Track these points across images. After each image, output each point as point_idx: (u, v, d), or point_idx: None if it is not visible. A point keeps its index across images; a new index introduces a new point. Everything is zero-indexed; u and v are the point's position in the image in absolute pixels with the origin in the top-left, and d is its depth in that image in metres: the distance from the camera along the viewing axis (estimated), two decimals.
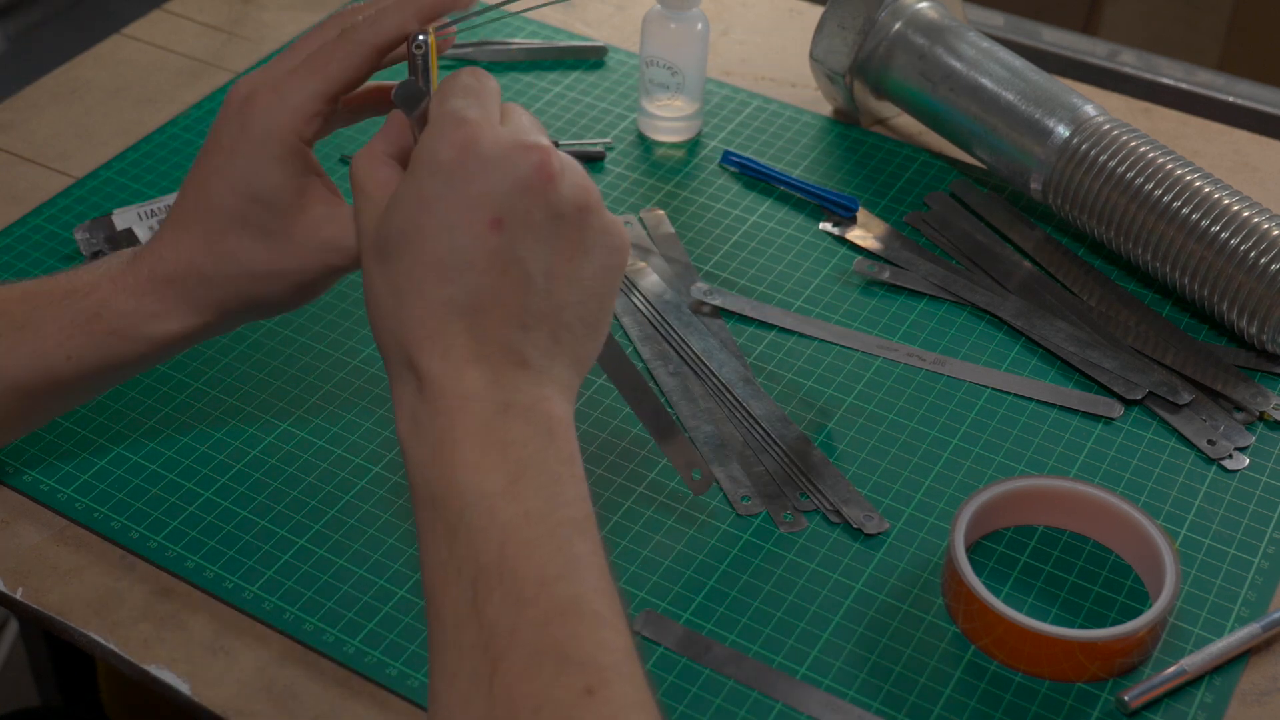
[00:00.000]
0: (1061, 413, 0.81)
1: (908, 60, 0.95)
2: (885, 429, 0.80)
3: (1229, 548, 0.74)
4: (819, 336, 0.85)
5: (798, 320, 0.86)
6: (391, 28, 0.64)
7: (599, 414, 0.80)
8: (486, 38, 1.08)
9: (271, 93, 0.65)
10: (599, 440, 0.79)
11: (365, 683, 0.68)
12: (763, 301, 0.88)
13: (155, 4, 1.13)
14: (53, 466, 0.77)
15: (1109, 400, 0.81)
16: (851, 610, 0.71)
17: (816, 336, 0.85)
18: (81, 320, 0.67)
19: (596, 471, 0.77)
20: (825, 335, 0.85)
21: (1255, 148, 1.01)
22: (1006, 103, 0.90)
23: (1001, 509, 0.73)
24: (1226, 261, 0.82)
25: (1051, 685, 0.68)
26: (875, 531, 0.74)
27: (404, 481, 0.76)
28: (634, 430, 0.79)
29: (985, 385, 0.83)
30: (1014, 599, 0.71)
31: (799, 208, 0.95)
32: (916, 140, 1.01)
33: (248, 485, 0.76)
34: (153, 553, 0.73)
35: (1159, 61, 1.21)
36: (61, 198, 0.94)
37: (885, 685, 0.68)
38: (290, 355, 0.83)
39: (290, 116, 0.64)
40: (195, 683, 0.68)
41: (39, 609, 0.71)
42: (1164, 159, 0.85)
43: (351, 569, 0.72)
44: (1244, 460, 0.78)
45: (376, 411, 0.80)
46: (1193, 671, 0.68)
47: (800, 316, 0.86)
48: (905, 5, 0.96)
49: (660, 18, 0.95)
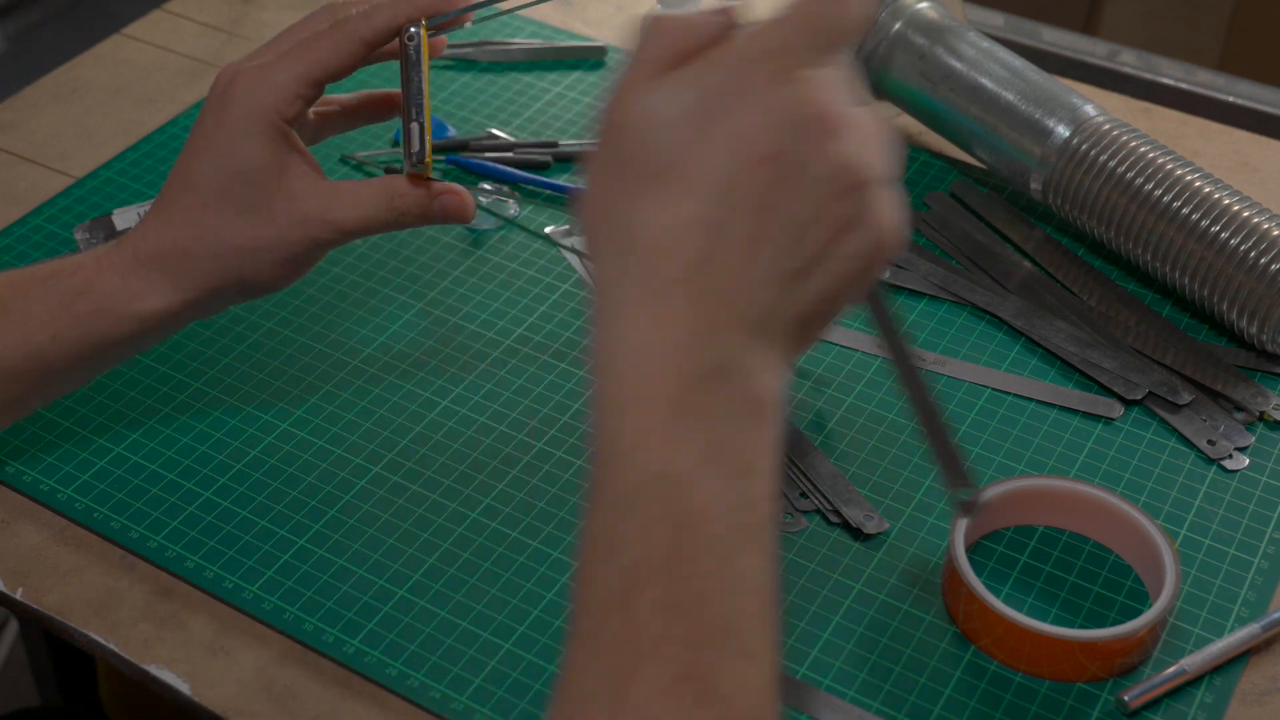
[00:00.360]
0: (1061, 413, 0.81)
1: (908, 60, 0.95)
2: (885, 429, 0.80)
3: (1229, 548, 0.74)
4: None
5: None
6: (382, 21, 0.65)
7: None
8: (486, 38, 1.08)
9: (256, 74, 0.65)
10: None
11: (365, 683, 0.68)
12: None
13: (155, 4, 1.13)
14: (53, 466, 0.77)
15: (1109, 400, 0.81)
16: (851, 610, 0.71)
17: None
18: (66, 300, 0.67)
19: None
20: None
21: (1255, 148, 1.01)
22: (1006, 103, 0.90)
23: (1001, 509, 0.73)
24: (1226, 261, 0.82)
25: (1051, 685, 0.68)
26: (875, 531, 0.74)
27: (403, 483, 0.76)
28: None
29: (985, 385, 0.83)
30: (1014, 599, 0.71)
31: None
32: (916, 140, 1.01)
33: (248, 485, 0.76)
34: (153, 553, 0.73)
35: (1159, 61, 1.20)
36: (61, 198, 0.94)
37: (885, 685, 0.68)
38: (290, 355, 0.83)
39: (272, 96, 0.65)
40: (195, 683, 0.68)
41: (39, 609, 0.71)
42: (1164, 159, 0.85)
43: (351, 569, 0.72)
44: (1244, 460, 0.78)
45: (377, 411, 0.80)
46: (1193, 671, 0.68)
47: None
48: (905, 5, 0.96)
49: None
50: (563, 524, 0.74)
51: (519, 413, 0.80)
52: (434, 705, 0.67)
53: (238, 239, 0.66)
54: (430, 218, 0.68)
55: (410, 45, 0.64)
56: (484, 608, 0.71)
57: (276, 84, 0.65)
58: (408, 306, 0.87)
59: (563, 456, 0.78)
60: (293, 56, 0.65)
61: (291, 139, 0.66)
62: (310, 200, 0.66)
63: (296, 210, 0.66)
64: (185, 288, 0.68)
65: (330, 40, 0.65)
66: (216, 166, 0.65)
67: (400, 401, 0.81)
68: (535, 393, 0.81)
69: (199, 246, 0.66)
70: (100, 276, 0.68)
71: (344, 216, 0.66)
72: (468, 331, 0.85)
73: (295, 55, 0.65)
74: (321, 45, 0.65)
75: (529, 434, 0.79)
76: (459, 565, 0.72)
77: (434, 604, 0.71)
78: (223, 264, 0.67)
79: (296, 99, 0.65)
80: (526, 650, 0.69)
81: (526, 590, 0.71)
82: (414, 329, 0.85)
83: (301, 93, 0.65)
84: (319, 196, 0.66)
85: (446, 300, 0.87)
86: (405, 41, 0.64)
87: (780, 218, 0.49)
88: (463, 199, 0.70)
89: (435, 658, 0.68)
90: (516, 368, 0.83)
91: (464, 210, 0.70)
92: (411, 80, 0.65)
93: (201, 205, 0.66)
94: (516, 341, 0.85)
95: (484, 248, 0.91)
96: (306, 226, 0.66)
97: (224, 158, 0.65)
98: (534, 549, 0.73)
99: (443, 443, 0.79)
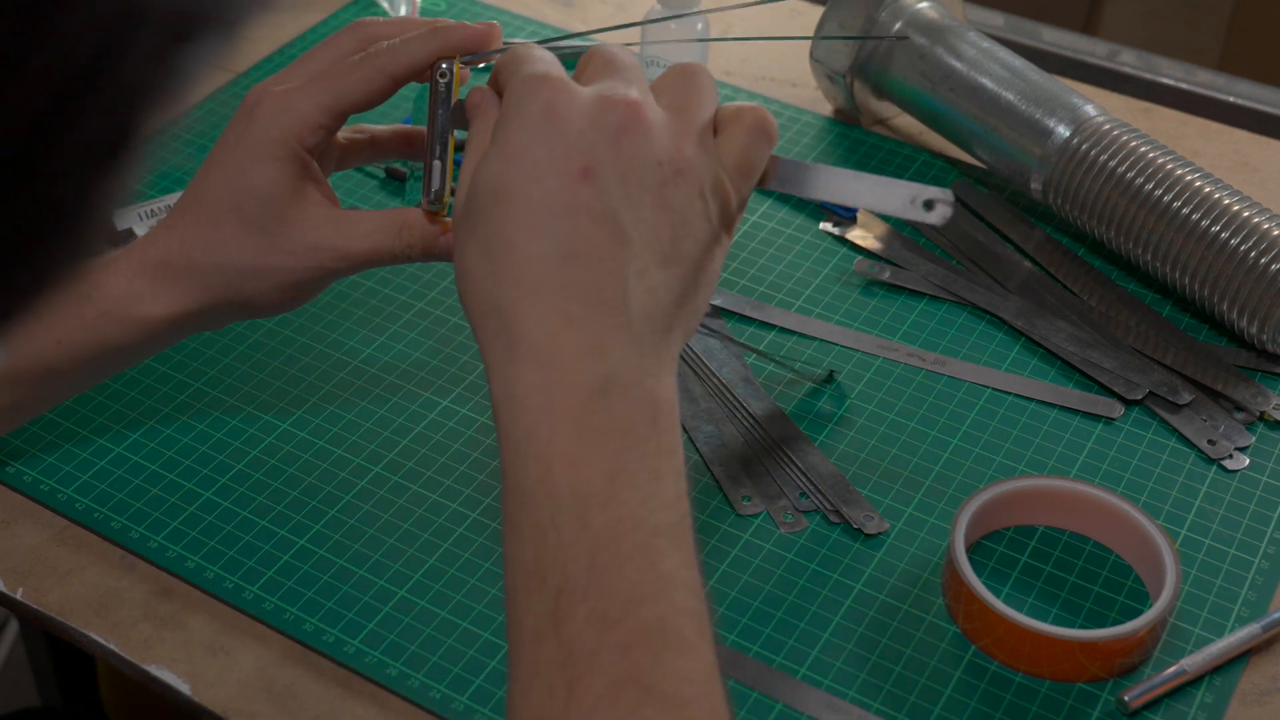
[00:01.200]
0: (1061, 413, 0.81)
1: (908, 60, 0.95)
2: (885, 429, 0.80)
3: (1229, 548, 0.74)
4: (819, 336, 0.85)
5: (798, 320, 0.86)
6: (412, 57, 0.65)
7: None
8: None
9: (281, 98, 0.66)
10: None
11: (365, 683, 0.68)
12: (763, 301, 0.88)
13: None
14: (53, 466, 0.77)
15: (1109, 400, 0.81)
16: (851, 610, 0.71)
17: (816, 336, 0.85)
18: (73, 301, 0.68)
19: None
20: (825, 335, 0.85)
21: (1255, 148, 1.01)
22: (1006, 103, 0.90)
23: (1001, 509, 0.73)
24: (1226, 261, 0.82)
25: (1052, 685, 0.68)
26: (875, 531, 0.74)
27: (403, 482, 0.76)
28: None
29: (985, 385, 0.83)
30: (1014, 599, 0.71)
31: (799, 208, 0.95)
32: (916, 140, 1.01)
33: (248, 485, 0.76)
34: (153, 553, 0.73)
35: (1159, 61, 1.20)
36: None
37: (885, 685, 0.68)
38: (291, 355, 0.83)
39: (294, 122, 0.65)
40: (195, 683, 0.68)
41: (39, 609, 0.71)
42: (1164, 159, 0.85)
43: (351, 569, 0.72)
44: (1244, 460, 0.78)
45: (377, 412, 0.80)
46: (1193, 671, 0.68)
47: (800, 316, 0.86)
48: (905, 5, 0.96)
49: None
50: None
51: None
52: (434, 705, 0.67)
53: (244, 258, 0.66)
54: (434, 254, 0.67)
55: (441, 81, 0.64)
56: (484, 608, 0.71)
57: (300, 112, 0.65)
58: (408, 307, 0.87)
59: None
60: (320, 85, 0.66)
61: (309, 167, 0.67)
62: (320, 228, 0.66)
63: (306, 236, 0.66)
64: (188, 298, 0.68)
65: (359, 72, 0.65)
66: (231, 184, 0.66)
67: (401, 402, 0.81)
68: None
69: (205, 260, 0.67)
70: (108, 279, 0.68)
71: (353, 246, 0.66)
72: (468, 331, 0.85)
73: (322, 84, 0.66)
74: (349, 76, 0.65)
75: None
76: (459, 565, 0.72)
77: (434, 604, 0.71)
78: (227, 280, 0.67)
79: (319, 128, 0.66)
80: None
81: None
82: (414, 329, 0.85)
83: (324, 123, 0.66)
84: (329, 225, 0.66)
85: (447, 300, 0.87)
86: (437, 78, 0.64)
87: (614, 222, 0.53)
88: None
89: (435, 658, 0.68)
90: None
91: None
92: (439, 116, 0.65)
93: (212, 220, 0.66)
94: None
95: None
96: (315, 254, 0.66)
97: (239, 177, 0.66)
98: None
99: (443, 443, 0.79)
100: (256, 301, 0.68)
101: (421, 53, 0.65)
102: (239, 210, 0.66)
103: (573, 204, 0.53)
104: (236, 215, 0.66)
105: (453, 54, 0.65)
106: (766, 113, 0.58)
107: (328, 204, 0.67)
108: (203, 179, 0.67)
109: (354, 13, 1.11)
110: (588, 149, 0.54)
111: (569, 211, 0.53)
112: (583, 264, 0.53)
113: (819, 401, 0.81)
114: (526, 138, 0.54)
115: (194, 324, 0.69)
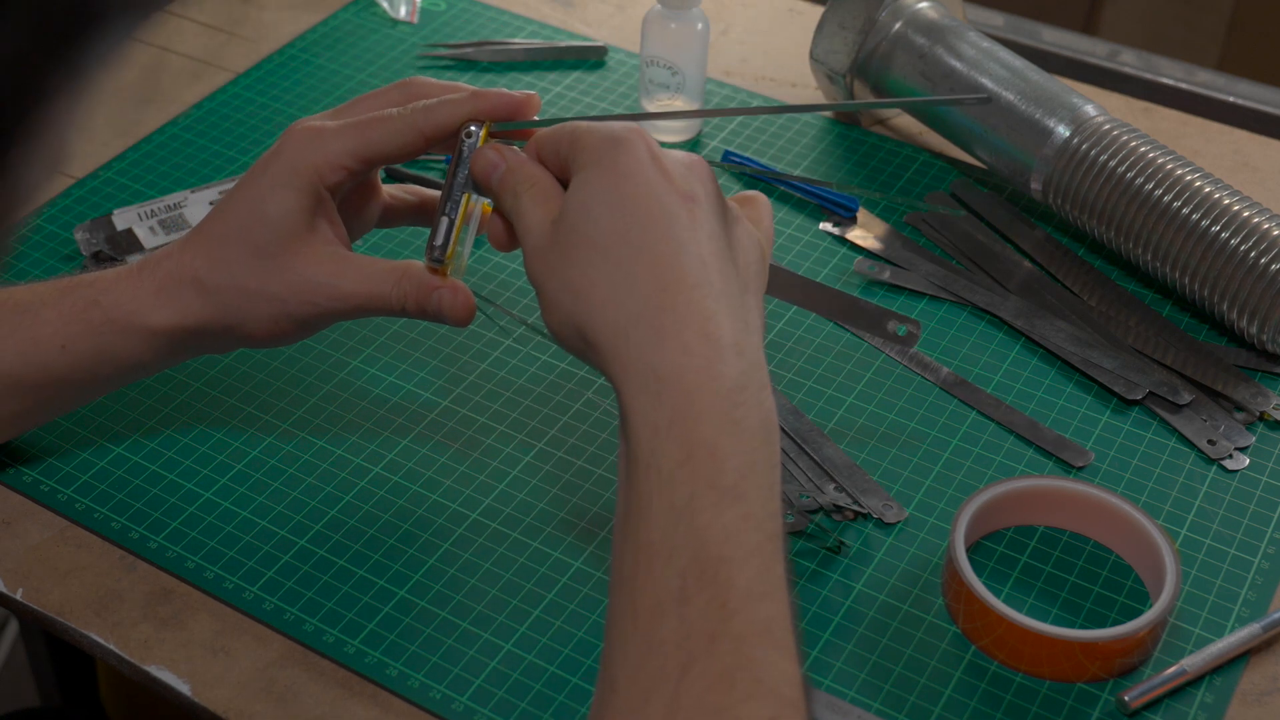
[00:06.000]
0: (1062, 413, 0.81)
1: (908, 60, 0.95)
2: (885, 429, 0.80)
3: (1229, 548, 0.74)
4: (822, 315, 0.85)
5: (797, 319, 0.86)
6: (444, 118, 0.66)
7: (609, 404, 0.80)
8: (486, 38, 1.08)
9: (313, 133, 0.67)
10: (599, 440, 0.79)
11: (365, 683, 0.68)
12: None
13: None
14: (53, 466, 0.77)
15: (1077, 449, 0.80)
16: (851, 610, 0.71)
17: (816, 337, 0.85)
18: (80, 307, 0.69)
19: (597, 471, 0.77)
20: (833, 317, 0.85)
21: (1255, 148, 1.01)
22: (1006, 103, 0.90)
23: (1001, 509, 0.73)
24: (1226, 261, 0.82)
25: (1052, 685, 0.68)
26: (895, 520, 0.74)
27: (403, 483, 0.76)
28: None
29: (985, 385, 0.83)
30: (1014, 599, 0.71)
31: (799, 208, 0.95)
32: (916, 140, 1.01)
33: (248, 486, 0.76)
34: (153, 553, 0.73)
35: (1159, 61, 1.20)
36: (61, 198, 0.94)
37: (885, 685, 0.68)
38: (290, 355, 0.83)
39: (318, 158, 0.66)
40: (195, 683, 0.68)
41: (39, 609, 0.71)
42: (1164, 159, 0.85)
43: (351, 569, 0.72)
44: (1244, 460, 0.78)
45: (377, 412, 0.80)
46: (1193, 671, 0.68)
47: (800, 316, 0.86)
48: (905, 5, 0.96)
49: (660, 18, 0.95)
50: (563, 525, 0.74)
51: (520, 414, 0.80)
52: (434, 706, 0.67)
53: (244, 280, 0.67)
54: (427, 310, 0.67)
55: (466, 142, 0.65)
56: (484, 608, 0.71)
57: (328, 150, 0.66)
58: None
59: (563, 458, 0.78)
60: (353, 130, 0.67)
61: (325, 204, 0.67)
62: (322, 264, 0.67)
63: (305, 269, 0.67)
64: (187, 312, 0.68)
65: (392, 125, 0.66)
66: (248, 207, 0.67)
67: (401, 402, 0.81)
68: (536, 393, 0.82)
69: (209, 277, 0.68)
70: (116, 286, 0.69)
71: (348, 287, 0.67)
72: (463, 334, 0.85)
73: (356, 129, 0.67)
74: (382, 127, 0.66)
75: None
76: (459, 566, 0.72)
77: (434, 605, 0.71)
78: (225, 300, 0.68)
79: (342, 169, 0.66)
80: (527, 651, 0.69)
81: (527, 591, 0.71)
82: (415, 328, 0.85)
83: (348, 165, 0.66)
84: (331, 262, 0.67)
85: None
86: (463, 137, 0.65)
87: (716, 244, 0.58)
88: (458, 297, 0.67)
89: (435, 658, 0.68)
90: (517, 368, 0.83)
91: (456, 310, 0.67)
92: (457, 176, 0.65)
93: (222, 238, 0.68)
94: (518, 341, 0.85)
95: (483, 247, 0.91)
96: (310, 288, 0.67)
97: (255, 200, 0.67)
98: (534, 550, 0.73)
99: (443, 443, 0.79)
100: (249, 327, 0.68)
101: (456, 114, 0.66)
102: (248, 232, 0.67)
103: (673, 236, 0.57)
104: (245, 237, 0.67)
105: (486, 118, 0.66)
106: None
107: (335, 243, 0.68)
108: (227, 199, 0.69)
109: (354, 13, 1.11)
110: (689, 181, 0.58)
111: (691, 225, 0.57)
112: (717, 270, 0.57)
113: (819, 402, 0.81)
114: (646, 169, 0.58)
115: (192, 342, 0.70)
